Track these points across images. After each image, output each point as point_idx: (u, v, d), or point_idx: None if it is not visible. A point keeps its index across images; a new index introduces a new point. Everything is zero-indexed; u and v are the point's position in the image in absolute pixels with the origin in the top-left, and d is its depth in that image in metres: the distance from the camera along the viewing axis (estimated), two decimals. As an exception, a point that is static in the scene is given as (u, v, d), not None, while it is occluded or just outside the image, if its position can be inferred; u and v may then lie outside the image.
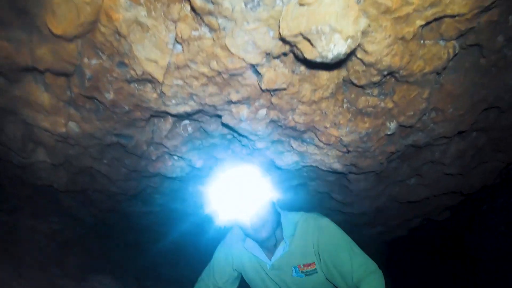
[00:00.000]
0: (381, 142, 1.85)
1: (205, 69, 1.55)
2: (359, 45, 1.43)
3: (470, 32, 1.41)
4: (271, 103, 1.71)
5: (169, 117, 1.98)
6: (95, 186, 2.73)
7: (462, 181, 2.25)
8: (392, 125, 1.76)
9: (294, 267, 1.58)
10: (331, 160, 2.02)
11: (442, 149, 2.04)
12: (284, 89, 1.60)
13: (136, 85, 1.70)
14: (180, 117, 1.93)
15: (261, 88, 1.59)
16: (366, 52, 1.45)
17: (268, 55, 1.47)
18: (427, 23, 1.36)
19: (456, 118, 1.75)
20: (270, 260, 1.61)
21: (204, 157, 2.30)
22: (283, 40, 1.35)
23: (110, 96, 1.74)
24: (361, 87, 1.65)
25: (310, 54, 1.32)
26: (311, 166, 2.15)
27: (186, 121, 2.06)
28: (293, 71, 1.57)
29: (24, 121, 2.11)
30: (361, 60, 1.50)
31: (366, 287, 1.41)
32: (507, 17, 1.35)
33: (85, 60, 1.59)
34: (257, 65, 1.49)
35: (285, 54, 1.49)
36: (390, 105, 1.69)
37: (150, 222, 3.25)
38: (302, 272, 1.57)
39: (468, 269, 3.09)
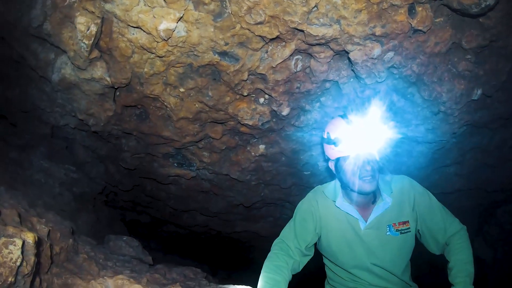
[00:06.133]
0: (465, 107, 2.21)
1: (371, -7, 1.76)
2: (485, 12, 1.88)
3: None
4: (401, 47, 1.97)
5: (293, 42, 1.98)
6: (141, 128, 2.39)
7: (493, 175, 2.70)
8: (479, 92, 2.17)
9: (389, 226, 1.58)
10: (418, 122, 2.27)
11: (490, 135, 2.51)
12: (424, 32, 1.90)
13: (287, -8, 1.73)
14: (309, 44, 1.96)
15: (410, 25, 1.85)
16: (488, 17, 1.90)
17: (427, -5, 1.79)
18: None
19: (517, 99, 2.26)
20: (364, 219, 1.60)
21: (292, 105, 2.32)
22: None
23: (257, -7, 1.70)
24: (466, 50, 2.05)
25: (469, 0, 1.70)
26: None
27: (299, 56, 2.13)
28: (433, 20, 1.90)
29: (108, 13, 1.85)
30: (481, 24, 1.93)
31: (457, 241, 1.52)
32: None
33: None
34: (418, 2, 1.78)
35: (437, -1, 1.82)
36: (481, 72, 2.12)
37: (169, 195, 2.80)
38: (397, 230, 1.58)
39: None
